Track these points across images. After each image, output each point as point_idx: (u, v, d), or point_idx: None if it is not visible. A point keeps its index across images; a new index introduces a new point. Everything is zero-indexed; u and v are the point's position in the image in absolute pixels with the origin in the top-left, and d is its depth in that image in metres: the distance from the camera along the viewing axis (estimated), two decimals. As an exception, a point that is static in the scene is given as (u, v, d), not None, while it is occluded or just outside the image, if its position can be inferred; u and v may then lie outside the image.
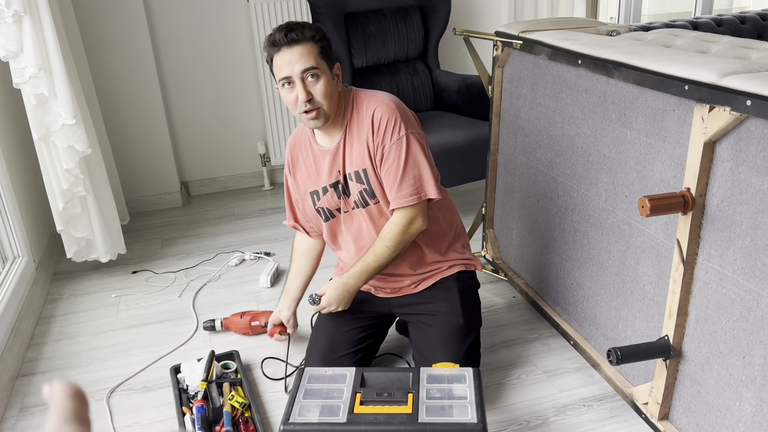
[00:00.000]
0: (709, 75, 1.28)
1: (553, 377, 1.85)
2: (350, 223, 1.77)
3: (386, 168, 1.63)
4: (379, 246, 1.69)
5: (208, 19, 3.15)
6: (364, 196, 1.69)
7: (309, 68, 1.54)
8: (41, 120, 2.21)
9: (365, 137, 1.63)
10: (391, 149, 1.61)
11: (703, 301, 1.37)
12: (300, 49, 1.53)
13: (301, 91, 1.54)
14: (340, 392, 1.48)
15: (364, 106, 1.64)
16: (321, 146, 1.70)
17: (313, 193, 1.76)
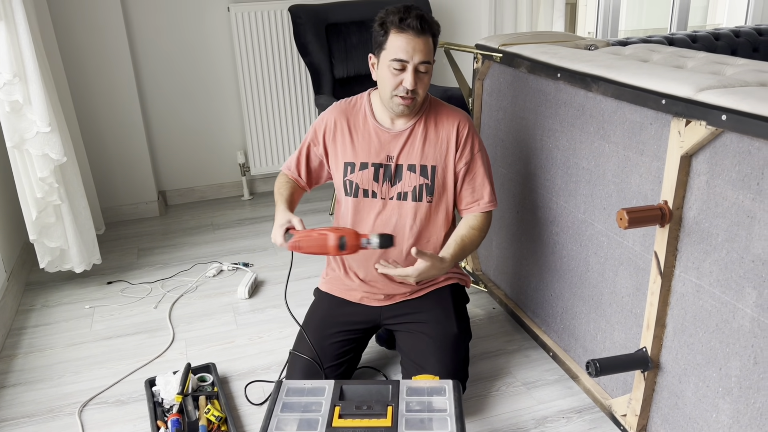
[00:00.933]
0: (685, 90, 1.30)
1: (533, 389, 1.85)
2: (384, 210, 1.75)
3: (474, 173, 1.75)
4: (475, 235, 1.74)
5: (187, 26, 3.13)
6: (422, 191, 1.73)
7: (427, 62, 1.59)
8: (15, 127, 2.17)
9: (446, 142, 1.72)
10: (476, 157, 1.74)
11: (681, 313, 1.39)
12: (426, 40, 1.58)
13: (411, 81, 1.59)
14: (319, 405, 1.46)
15: (445, 111, 1.75)
16: (381, 124, 1.73)
17: (349, 164, 1.74)
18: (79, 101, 2.98)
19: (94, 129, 3.07)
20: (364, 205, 1.76)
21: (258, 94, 3.24)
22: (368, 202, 1.75)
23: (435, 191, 1.74)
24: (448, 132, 1.72)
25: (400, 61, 1.58)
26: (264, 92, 3.25)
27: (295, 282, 2.48)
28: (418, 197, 1.73)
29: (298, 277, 2.55)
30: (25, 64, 2.13)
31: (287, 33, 3.17)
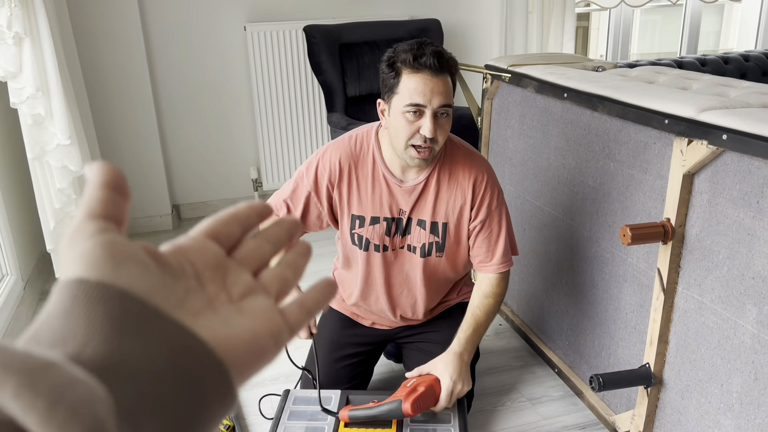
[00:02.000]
0: (688, 110, 1.33)
1: (538, 405, 1.86)
2: (393, 263, 1.65)
3: (486, 234, 1.61)
4: (490, 303, 1.61)
5: (205, 44, 3.21)
6: (432, 248, 1.61)
7: (446, 105, 1.41)
8: (37, 139, 2.24)
9: (461, 196, 1.57)
10: (494, 214, 1.60)
11: (683, 330, 1.40)
12: (445, 81, 1.40)
13: (430, 128, 1.39)
14: (325, 415, 1.48)
15: (460, 161, 1.56)
16: (394, 176, 1.56)
17: (358, 218, 1.59)
18: (97, 115, 3.05)
19: (111, 142, 3.14)
20: (375, 259, 1.63)
21: (272, 111, 3.31)
22: (379, 256, 1.63)
23: (446, 248, 1.61)
24: (463, 188, 1.56)
25: (417, 106, 1.38)
26: (277, 109, 3.31)
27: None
28: (427, 253, 1.61)
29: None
30: (48, 78, 2.21)
31: (301, 52, 3.24)
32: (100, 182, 0.30)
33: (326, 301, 0.35)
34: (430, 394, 1.43)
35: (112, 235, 0.28)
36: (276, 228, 0.36)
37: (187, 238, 0.33)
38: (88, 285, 0.26)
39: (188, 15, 3.14)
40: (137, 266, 0.28)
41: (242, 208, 0.36)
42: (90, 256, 0.27)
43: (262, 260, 0.35)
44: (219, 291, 0.31)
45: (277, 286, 0.34)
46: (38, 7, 2.13)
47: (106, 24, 2.97)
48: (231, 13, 3.19)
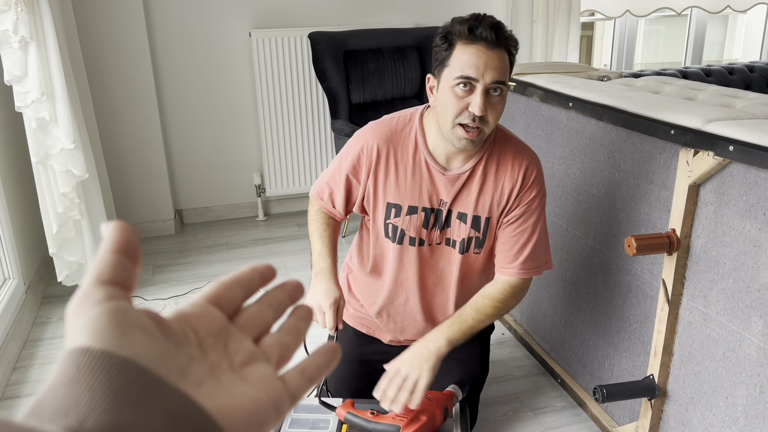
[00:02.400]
0: (694, 121, 1.33)
1: (540, 415, 1.85)
2: (430, 258, 1.53)
3: (518, 231, 1.46)
4: (485, 305, 1.46)
5: (210, 50, 3.22)
6: (471, 243, 1.49)
7: (500, 81, 1.29)
8: (41, 143, 2.24)
9: (507, 188, 1.44)
10: (531, 213, 1.45)
11: (688, 341, 1.39)
12: (501, 56, 1.29)
13: (480, 104, 1.28)
14: (326, 422, 1.47)
15: (511, 150, 1.45)
16: (437, 164, 1.44)
17: (393, 206, 1.48)
18: (102, 120, 3.06)
19: (115, 148, 3.14)
20: (409, 254, 1.51)
21: (276, 117, 3.31)
22: (413, 252, 1.51)
23: (485, 245, 1.50)
24: (512, 178, 1.44)
25: (468, 79, 1.28)
26: (281, 115, 3.32)
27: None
28: (466, 249, 1.50)
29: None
30: (53, 83, 2.21)
31: (306, 59, 3.25)
32: (111, 247, 0.30)
33: (328, 367, 0.35)
34: (431, 424, 1.41)
35: (119, 302, 0.29)
36: (278, 292, 0.37)
37: (190, 305, 0.33)
38: (92, 354, 0.26)
39: (193, 20, 3.15)
40: (142, 334, 0.28)
41: (245, 271, 0.36)
42: (96, 325, 0.27)
43: (264, 326, 0.35)
44: (221, 359, 0.32)
45: (278, 352, 0.34)
46: (44, 12, 2.13)
47: (112, 29, 2.97)
48: (236, 19, 3.20)
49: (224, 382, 0.30)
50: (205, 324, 0.32)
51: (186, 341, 0.31)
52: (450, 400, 1.47)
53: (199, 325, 0.32)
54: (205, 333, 0.32)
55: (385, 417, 1.42)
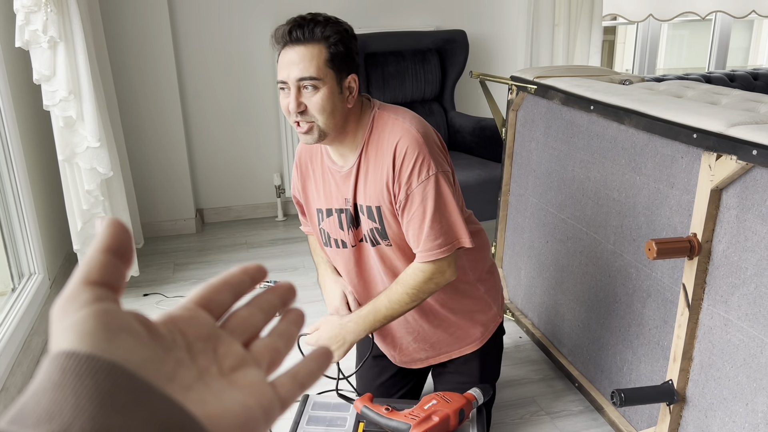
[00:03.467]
0: (716, 124, 1.32)
1: (557, 419, 1.84)
2: (359, 259, 1.55)
3: (410, 214, 1.39)
4: (397, 291, 1.44)
5: (232, 52, 3.25)
6: (375, 235, 1.47)
7: (307, 77, 1.29)
8: (67, 142, 2.28)
9: (385, 171, 1.39)
10: (415, 192, 1.37)
11: (708, 347, 1.38)
12: (303, 51, 1.29)
13: (292, 100, 1.31)
14: (343, 420, 1.48)
15: (387, 131, 1.39)
16: (334, 163, 1.47)
17: (319, 211, 1.55)
18: (126, 120, 3.11)
19: (138, 147, 3.19)
20: (340, 255, 1.55)
21: (297, 119, 3.33)
22: (342, 253, 1.54)
23: (387, 234, 1.45)
24: (387, 161, 1.38)
25: (281, 82, 1.32)
26: (302, 117, 3.34)
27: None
28: (374, 241, 1.48)
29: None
30: (80, 82, 2.25)
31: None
32: (102, 246, 0.29)
33: (321, 372, 0.35)
34: (443, 426, 1.42)
35: (107, 304, 0.28)
36: (269, 295, 0.36)
37: (179, 308, 0.32)
38: (78, 358, 0.25)
39: (216, 22, 3.19)
40: (130, 338, 0.27)
41: (235, 273, 0.35)
42: (82, 328, 0.26)
43: (254, 330, 0.35)
44: (210, 363, 0.31)
45: (269, 357, 0.34)
46: (73, 13, 2.18)
47: (137, 30, 3.02)
48: (258, 20, 3.23)
49: (213, 387, 0.30)
50: (193, 328, 0.32)
51: (174, 345, 0.30)
52: (468, 404, 1.47)
53: (187, 328, 0.31)
54: (194, 337, 0.31)
55: (399, 414, 1.43)
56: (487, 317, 1.66)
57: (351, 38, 1.34)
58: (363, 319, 1.45)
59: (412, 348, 1.65)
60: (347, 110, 1.38)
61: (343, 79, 1.34)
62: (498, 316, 1.69)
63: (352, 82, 1.36)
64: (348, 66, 1.34)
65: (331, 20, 1.31)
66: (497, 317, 1.69)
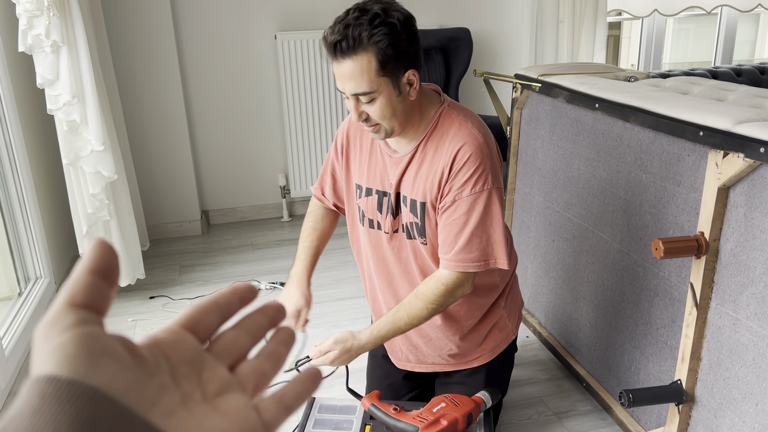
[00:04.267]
0: (723, 122, 1.31)
1: (565, 419, 1.83)
2: (393, 248, 1.50)
3: (451, 219, 1.36)
4: (417, 306, 1.40)
5: (236, 53, 3.25)
6: (413, 230, 1.44)
7: (361, 93, 1.28)
8: (72, 145, 2.28)
9: (440, 169, 1.36)
10: (464, 201, 1.34)
11: (716, 346, 1.37)
12: (351, 65, 1.25)
13: (354, 111, 1.31)
14: (350, 423, 1.48)
15: (452, 131, 1.36)
16: (388, 146, 1.45)
17: (358, 187, 1.52)
18: (130, 123, 3.11)
19: (143, 149, 3.19)
20: (372, 237, 1.53)
21: (300, 119, 3.33)
22: (375, 235, 1.51)
23: (426, 233, 1.43)
24: (445, 162, 1.35)
25: (341, 91, 1.32)
26: (306, 117, 3.34)
27: (330, 303, 2.52)
28: (410, 235, 1.46)
29: (333, 298, 2.58)
30: (84, 86, 2.25)
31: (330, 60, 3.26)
32: (88, 267, 0.29)
33: (308, 395, 0.34)
34: (451, 430, 1.41)
35: (91, 327, 0.27)
36: (257, 316, 0.35)
37: (164, 331, 0.32)
38: (58, 383, 0.25)
39: (220, 24, 3.18)
40: (113, 362, 0.27)
41: (224, 293, 0.35)
42: (64, 351, 0.26)
43: (240, 353, 0.34)
44: (194, 388, 0.31)
45: (255, 380, 0.33)
46: (76, 17, 2.18)
47: (141, 33, 3.02)
48: (262, 22, 3.23)
49: (196, 413, 0.29)
50: (178, 351, 0.31)
51: (158, 369, 0.29)
52: (477, 408, 1.47)
53: (172, 352, 0.31)
54: (178, 361, 0.31)
55: (407, 415, 1.42)
56: (502, 333, 1.64)
57: (404, 31, 1.26)
58: (378, 333, 1.43)
59: (422, 348, 1.64)
60: (411, 104, 1.35)
61: (400, 78, 1.30)
62: (512, 333, 1.67)
63: (411, 76, 1.31)
64: (404, 64, 1.29)
65: (379, 18, 1.23)
66: (511, 334, 1.67)
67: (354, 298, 2.57)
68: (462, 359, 1.63)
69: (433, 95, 1.43)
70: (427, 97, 1.41)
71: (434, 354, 1.63)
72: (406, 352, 1.66)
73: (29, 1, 2.04)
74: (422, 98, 1.39)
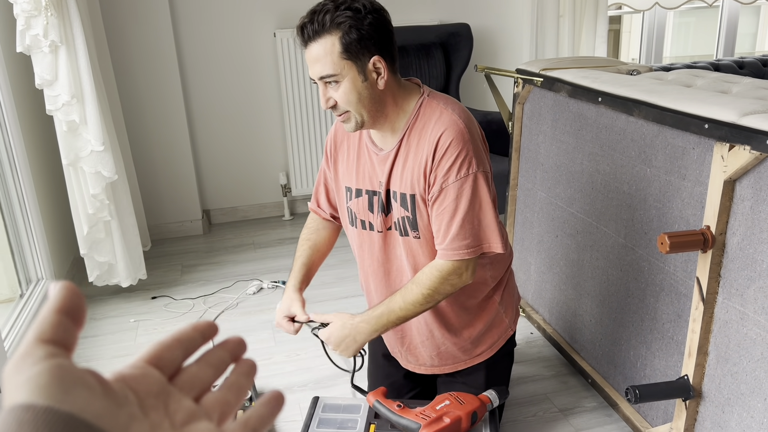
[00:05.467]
0: (729, 114, 1.29)
1: (570, 416, 1.82)
2: (385, 246, 1.50)
3: (441, 208, 1.36)
4: (412, 291, 1.39)
5: (235, 51, 3.24)
6: (405, 224, 1.43)
7: (325, 75, 1.29)
8: (71, 146, 2.27)
9: (424, 160, 1.35)
10: (451, 188, 1.34)
11: (724, 341, 1.36)
12: (317, 48, 1.28)
13: (322, 97, 1.33)
14: (354, 422, 1.47)
15: (433, 120, 1.35)
16: (374, 145, 1.45)
17: (348, 190, 1.51)
18: (130, 122, 3.09)
19: (143, 149, 3.18)
20: (365, 238, 1.52)
21: (301, 117, 3.32)
22: (367, 236, 1.51)
23: (418, 225, 1.41)
24: (428, 150, 1.34)
25: (312, 80, 1.34)
26: (306, 115, 3.32)
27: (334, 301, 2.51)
28: (403, 231, 1.44)
29: (336, 296, 2.57)
30: (83, 86, 2.24)
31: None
32: (55, 307, 0.30)
33: (273, 418, 0.35)
34: (454, 428, 1.40)
35: (61, 360, 0.28)
36: (219, 351, 0.37)
37: (129, 367, 0.33)
38: (35, 410, 0.25)
39: (219, 22, 3.17)
40: (85, 391, 0.28)
41: (186, 330, 0.36)
42: (38, 381, 0.27)
43: (203, 386, 0.36)
44: (162, 418, 0.32)
45: (219, 410, 0.35)
46: (74, 17, 2.16)
47: (139, 32, 3.01)
48: (261, 20, 3.21)
49: None
50: (144, 385, 0.32)
51: (126, 401, 0.30)
52: (482, 406, 1.45)
53: (138, 386, 0.32)
54: (145, 394, 0.32)
55: (410, 412, 1.41)
56: (499, 330, 1.62)
57: (367, 16, 1.27)
58: (376, 319, 1.41)
59: (420, 350, 1.62)
60: (380, 93, 1.34)
61: (365, 64, 1.29)
62: (509, 329, 1.65)
63: (377, 62, 1.30)
64: (368, 49, 1.28)
65: (345, 4, 1.26)
66: (509, 330, 1.65)
67: (357, 296, 2.56)
68: (461, 358, 1.62)
69: (413, 87, 1.41)
70: (405, 89, 1.40)
71: (432, 355, 1.61)
72: (405, 353, 1.65)
73: (27, 1, 2.03)
74: (399, 90, 1.38)
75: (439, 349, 1.60)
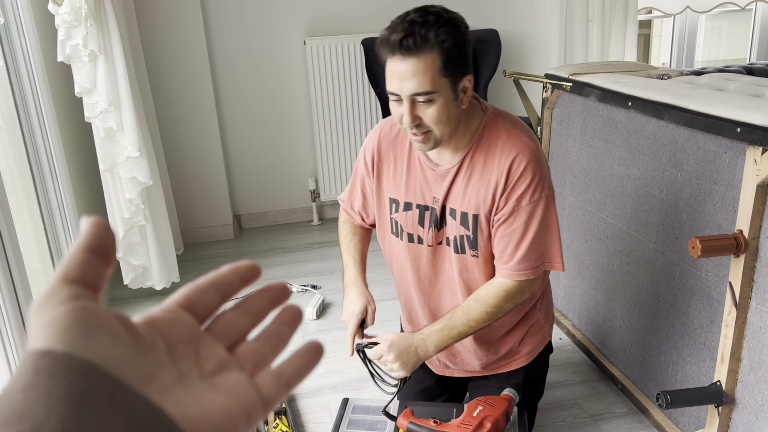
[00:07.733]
0: (761, 118, 1.28)
1: (600, 421, 1.81)
2: (435, 261, 1.48)
3: (509, 229, 1.36)
4: (476, 309, 1.39)
5: (266, 59, 3.29)
6: (464, 243, 1.42)
7: (422, 92, 1.23)
8: (108, 152, 2.34)
9: (493, 182, 1.34)
10: (523, 210, 1.34)
11: (757, 346, 1.34)
12: (415, 63, 1.20)
13: (407, 114, 1.25)
14: (383, 423, 1.49)
15: (501, 141, 1.34)
16: (429, 160, 1.41)
17: (393, 201, 1.48)
18: (164, 129, 3.17)
19: (176, 155, 3.25)
20: (411, 251, 1.49)
21: (330, 123, 3.36)
22: (415, 249, 1.49)
23: (480, 246, 1.41)
24: (499, 174, 1.33)
25: (392, 93, 1.26)
26: (335, 121, 3.36)
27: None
28: (460, 249, 1.43)
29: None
30: (120, 94, 2.31)
31: (359, 65, 3.28)
32: (83, 245, 0.29)
33: (309, 370, 0.33)
34: (495, 430, 1.40)
35: (85, 302, 0.27)
36: (259, 297, 0.34)
37: (160, 310, 0.31)
38: (52, 357, 0.24)
39: (250, 31, 3.23)
40: (108, 336, 0.26)
41: (225, 272, 0.33)
42: (59, 325, 0.25)
43: (238, 334, 0.33)
44: (191, 366, 0.30)
45: (253, 360, 0.32)
46: (112, 27, 2.23)
47: (173, 41, 3.08)
48: (291, 28, 3.26)
49: (194, 390, 0.29)
50: (175, 330, 0.30)
51: (155, 347, 0.29)
52: (510, 404, 1.46)
53: (168, 331, 0.30)
54: (175, 340, 0.30)
55: (449, 425, 1.41)
56: (539, 336, 1.62)
57: (464, 35, 1.24)
58: (437, 333, 1.40)
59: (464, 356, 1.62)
60: (461, 112, 1.32)
61: (458, 83, 1.26)
62: (548, 335, 1.66)
63: (466, 83, 1.28)
64: (463, 68, 1.26)
65: (443, 18, 1.21)
66: (547, 336, 1.66)
67: (384, 300, 2.57)
68: (500, 363, 1.62)
69: (474, 103, 1.39)
70: (470, 106, 1.36)
71: (473, 359, 1.62)
72: (443, 359, 1.66)
73: (68, 12, 2.10)
74: (467, 108, 1.35)
75: (478, 353, 1.60)
